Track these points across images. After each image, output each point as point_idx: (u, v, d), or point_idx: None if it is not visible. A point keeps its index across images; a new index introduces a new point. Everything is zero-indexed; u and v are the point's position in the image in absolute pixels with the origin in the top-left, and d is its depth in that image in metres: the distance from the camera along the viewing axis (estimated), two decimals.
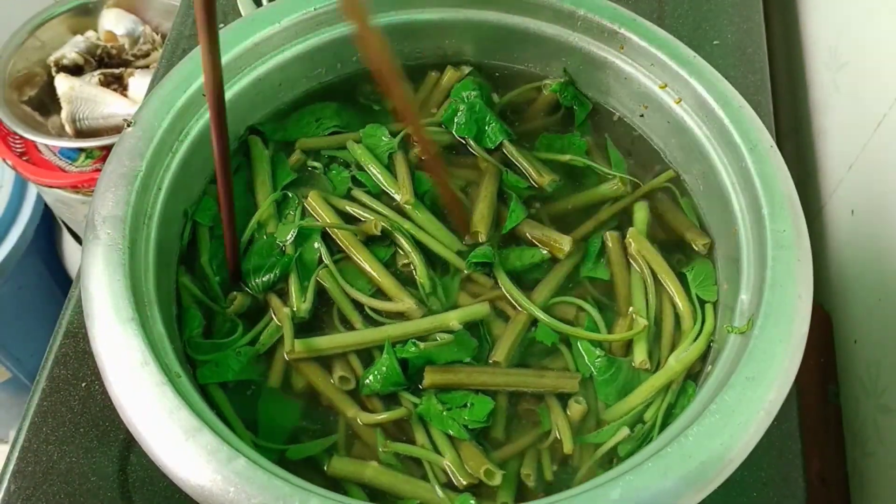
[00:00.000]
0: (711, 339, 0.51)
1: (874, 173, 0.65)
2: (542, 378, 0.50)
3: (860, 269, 0.66)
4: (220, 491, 0.38)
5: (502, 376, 0.50)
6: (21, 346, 1.20)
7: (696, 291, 0.53)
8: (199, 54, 0.42)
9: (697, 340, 0.51)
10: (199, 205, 0.55)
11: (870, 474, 0.60)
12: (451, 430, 0.47)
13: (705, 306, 0.52)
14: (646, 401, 0.49)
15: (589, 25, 0.59)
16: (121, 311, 0.43)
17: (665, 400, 0.49)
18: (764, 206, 0.49)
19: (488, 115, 0.59)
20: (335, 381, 0.49)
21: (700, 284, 0.53)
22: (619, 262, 0.55)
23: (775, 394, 0.42)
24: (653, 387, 0.50)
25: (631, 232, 0.56)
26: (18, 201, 1.15)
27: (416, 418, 0.48)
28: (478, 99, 0.60)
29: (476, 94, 0.60)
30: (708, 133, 0.55)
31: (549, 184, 0.58)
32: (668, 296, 0.54)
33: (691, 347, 0.50)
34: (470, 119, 0.59)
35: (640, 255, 0.55)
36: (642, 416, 0.49)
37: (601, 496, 0.39)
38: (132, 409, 0.41)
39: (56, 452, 0.54)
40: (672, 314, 0.53)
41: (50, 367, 0.57)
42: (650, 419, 0.49)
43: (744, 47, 0.78)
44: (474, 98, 0.60)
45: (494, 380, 0.50)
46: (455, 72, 0.62)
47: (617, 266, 0.55)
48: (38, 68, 1.10)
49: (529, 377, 0.50)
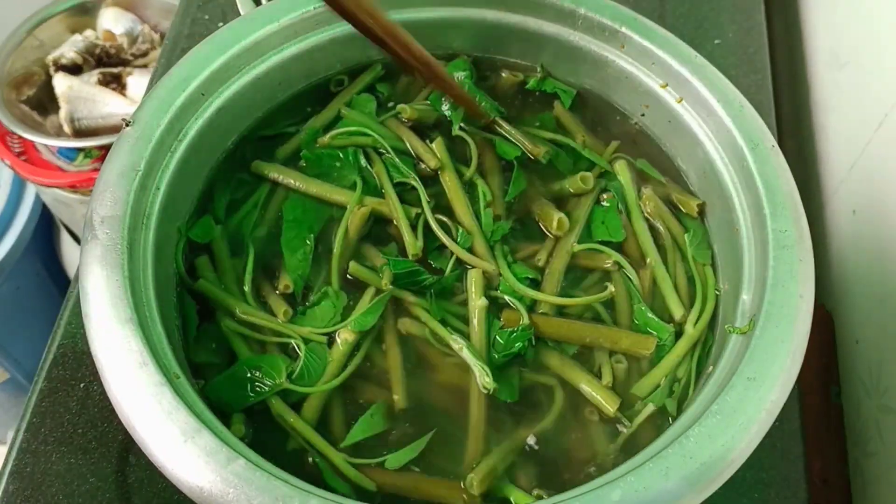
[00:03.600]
0: (717, 294, 0.53)
1: (876, 173, 0.65)
2: (618, 336, 0.51)
3: (862, 268, 0.66)
4: (220, 492, 0.38)
5: (581, 327, 0.51)
6: (19, 346, 1.20)
7: (693, 254, 0.54)
8: (198, 54, 0.42)
9: (707, 303, 0.52)
10: (196, 223, 0.54)
11: (872, 475, 0.60)
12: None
13: (705, 269, 0.54)
14: (673, 369, 0.50)
15: (590, 24, 0.59)
16: (119, 312, 0.43)
17: (693, 358, 0.51)
18: (765, 206, 0.49)
19: (478, 93, 0.60)
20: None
21: (697, 247, 0.55)
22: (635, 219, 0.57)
23: (777, 394, 0.42)
24: (677, 356, 0.51)
25: (646, 193, 0.57)
26: (17, 201, 1.15)
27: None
28: (468, 79, 0.60)
29: (466, 73, 0.61)
30: (709, 132, 0.55)
31: (545, 155, 0.58)
32: (680, 256, 0.55)
33: (703, 312, 0.52)
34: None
35: (657, 216, 0.56)
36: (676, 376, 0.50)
37: (602, 497, 0.39)
38: (131, 410, 0.40)
39: (54, 453, 0.54)
40: (684, 274, 0.54)
41: (48, 367, 0.57)
42: (683, 376, 0.50)
43: (745, 47, 0.77)
44: (464, 78, 0.60)
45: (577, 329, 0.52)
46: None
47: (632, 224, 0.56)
48: (37, 68, 1.10)
49: (606, 333, 0.51)
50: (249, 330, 0.50)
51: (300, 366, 0.49)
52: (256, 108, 0.58)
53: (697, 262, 0.54)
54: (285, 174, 0.56)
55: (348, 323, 0.50)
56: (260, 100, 0.58)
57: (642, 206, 0.57)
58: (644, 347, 0.51)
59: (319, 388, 0.48)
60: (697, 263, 0.54)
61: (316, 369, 0.49)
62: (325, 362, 0.49)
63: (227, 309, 0.51)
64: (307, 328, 0.50)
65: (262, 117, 0.59)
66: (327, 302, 0.51)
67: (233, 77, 0.55)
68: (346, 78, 0.61)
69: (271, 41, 0.57)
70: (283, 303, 0.51)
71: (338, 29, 0.59)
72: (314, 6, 0.57)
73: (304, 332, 0.50)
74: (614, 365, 0.51)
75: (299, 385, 0.48)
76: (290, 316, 0.51)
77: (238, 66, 0.55)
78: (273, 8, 0.57)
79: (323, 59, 0.60)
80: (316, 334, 0.50)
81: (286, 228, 0.54)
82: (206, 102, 0.54)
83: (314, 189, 0.56)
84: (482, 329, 0.51)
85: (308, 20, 0.58)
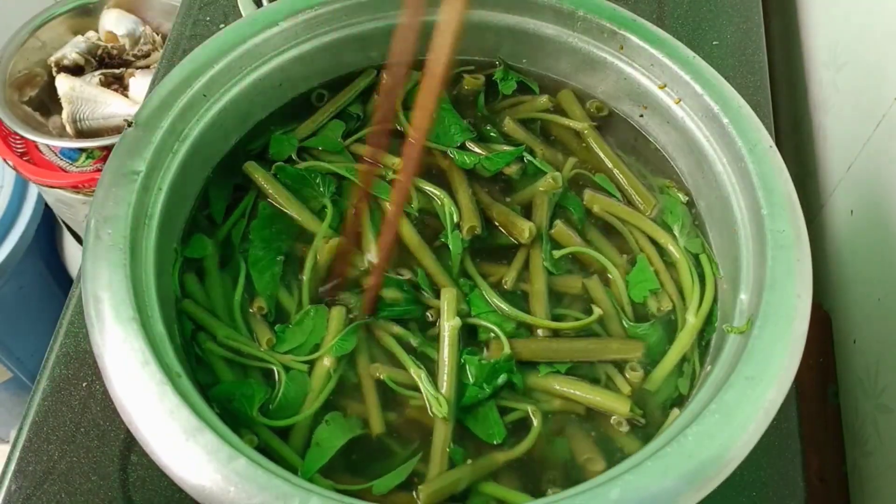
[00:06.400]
0: (715, 278, 0.53)
1: (874, 173, 0.65)
2: (607, 345, 0.52)
3: (859, 268, 0.66)
4: (221, 490, 0.38)
5: (569, 343, 0.51)
6: (22, 345, 1.20)
7: (686, 244, 0.55)
8: (200, 55, 0.42)
9: (706, 290, 0.53)
10: (190, 241, 0.54)
11: (869, 474, 0.60)
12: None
13: (699, 257, 0.54)
14: (680, 359, 0.51)
15: (588, 26, 0.59)
16: (121, 311, 0.43)
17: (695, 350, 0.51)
18: (763, 206, 0.49)
19: (451, 115, 0.60)
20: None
21: (687, 237, 0.56)
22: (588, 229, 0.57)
23: (775, 393, 0.42)
24: (683, 346, 0.51)
25: (587, 194, 0.58)
26: (19, 201, 1.15)
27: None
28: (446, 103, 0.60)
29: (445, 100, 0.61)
30: (707, 133, 0.55)
31: (516, 172, 0.59)
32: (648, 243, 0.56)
33: (703, 300, 0.52)
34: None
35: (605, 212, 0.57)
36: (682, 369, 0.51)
37: (600, 495, 0.39)
38: (133, 409, 0.41)
39: (57, 452, 0.54)
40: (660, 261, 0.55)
41: (51, 366, 0.57)
42: (688, 369, 0.51)
43: (743, 47, 0.78)
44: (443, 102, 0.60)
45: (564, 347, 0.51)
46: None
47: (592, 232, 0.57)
48: (39, 69, 1.10)
49: (593, 345, 0.51)
50: (232, 353, 0.50)
51: (279, 394, 0.48)
52: (257, 110, 0.59)
53: (690, 252, 0.55)
54: (269, 184, 0.56)
55: (328, 349, 0.50)
56: (261, 101, 0.58)
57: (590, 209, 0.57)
58: (633, 352, 0.51)
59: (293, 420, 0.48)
60: (689, 253, 0.55)
61: (296, 397, 0.48)
62: (304, 389, 0.49)
63: (210, 331, 0.50)
64: (289, 356, 0.50)
65: (262, 119, 0.59)
66: (308, 321, 0.51)
67: (234, 78, 0.56)
68: (326, 93, 0.61)
69: (273, 43, 0.57)
70: (268, 330, 0.51)
71: (339, 31, 0.59)
72: (315, 8, 0.57)
73: (286, 360, 0.50)
74: (629, 373, 0.51)
75: (279, 414, 0.48)
76: (272, 344, 0.50)
77: (240, 67, 0.56)
78: (274, 10, 0.57)
79: (324, 62, 0.60)
80: (297, 362, 0.50)
81: (253, 248, 0.54)
82: (207, 103, 0.54)
83: (289, 207, 0.56)
84: (453, 353, 0.50)
85: (310, 22, 0.58)
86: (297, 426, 0.48)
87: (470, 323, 0.52)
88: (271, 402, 0.48)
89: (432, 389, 0.48)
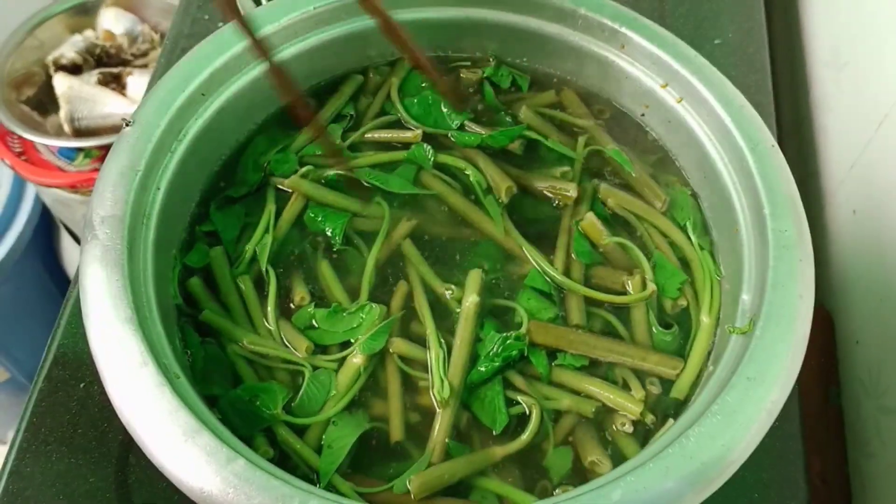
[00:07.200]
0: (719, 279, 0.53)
1: (876, 173, 0.65)
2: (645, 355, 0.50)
3: (862, 269, 0.66)
4: (220, 492, 0.38)
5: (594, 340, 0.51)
6: (19, 346, 1.20)
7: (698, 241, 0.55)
8: (198, 54, 0.42)
9: (713, 288, 0.52)
10: (191, 249, 0.53)
11: (871, 475, 0.60)
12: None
13: (703, 254, 0.54)
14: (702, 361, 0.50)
15: (589, 24, 0.59)
16: (119, 312, 0.43)
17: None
18: (765, 206, 0.49)
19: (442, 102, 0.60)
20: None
21: (699, 235, 0.55)
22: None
23: (777, 394, 0.42)
24: (703, 349, 0.50)
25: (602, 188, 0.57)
26: (17, 201, 1.14)
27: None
28: (429, 90, 0.61)
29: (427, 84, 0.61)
30: (709, 132, 0.55)
31: (519, 147, 0.59)
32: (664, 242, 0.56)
33: (712, 297, 0.52)
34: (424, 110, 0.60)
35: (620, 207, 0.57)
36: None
37: (602, 497, 0.39)
38: (131, 410, 0.40)
39: (54, 453, 0.54)
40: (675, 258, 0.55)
41: (48, 367, 0.57)
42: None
43: (745, 47, 0.77)
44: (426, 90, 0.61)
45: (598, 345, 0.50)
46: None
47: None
48: (37, 68, 1.10)
49: (631, 351, 0.50)
50: (256, 356, 0.50)
51: (301, 393, 0.48)
52: (257, 109, 0.58)
53: (697, 249, 0.54)
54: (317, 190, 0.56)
55: (357, 347, 0.49)
56: (260, 100, 0.58)
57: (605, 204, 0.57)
58: (671, 367, 0.50)
59: (316, 419, 0.47)
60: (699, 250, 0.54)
61: (318, 396, 0.48)
62: (328, 388, 0.48)
63: (232, 338, 0.50)
64: (318, 357, 0.49)
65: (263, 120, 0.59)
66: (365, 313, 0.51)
67: (233, 77, 0.55)
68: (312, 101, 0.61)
69: (272, 41, 0.57)
70: (304, 339, 0.50)
71: (338, 29, 0.59)
72: (314, 6, 0.57)
73: (315, 361, 0.49)
74: (649, 386, 0.50)
75: (299, 413, 0.47)
76: (311, 351, 0.50)
77: (238, 66, 0.55)
78: (273, 8, 0.57)
79: (323, 60, 0.60)
80: (325, 361, 0.49)
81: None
82: (206, 102, 0.54)
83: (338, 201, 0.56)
84: (468, 327, 0.50)
85: (308, 20, 0.58)
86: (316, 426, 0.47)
87: (501, 305, 0.52)
88: (293, 400, 0.48)
89: (441, 371, 0.48)
